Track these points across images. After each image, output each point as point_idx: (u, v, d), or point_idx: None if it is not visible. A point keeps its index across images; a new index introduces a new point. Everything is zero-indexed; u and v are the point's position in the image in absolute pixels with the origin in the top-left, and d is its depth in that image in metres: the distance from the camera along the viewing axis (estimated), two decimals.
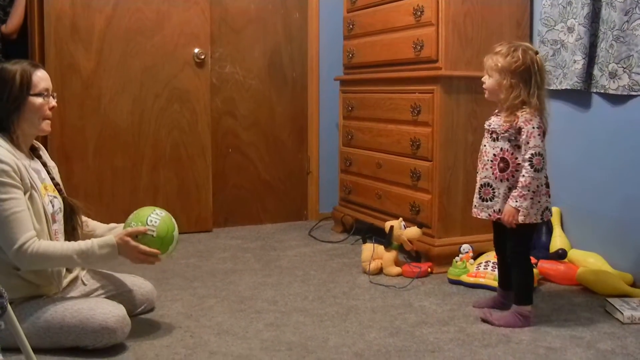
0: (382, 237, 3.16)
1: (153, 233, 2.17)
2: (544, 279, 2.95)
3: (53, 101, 2.21)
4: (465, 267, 2.92)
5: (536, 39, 3.26)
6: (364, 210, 3.72)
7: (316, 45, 4.27)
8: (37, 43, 3.53)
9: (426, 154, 3.14)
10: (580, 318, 2.49)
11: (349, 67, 3.92)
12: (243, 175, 4.18)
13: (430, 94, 3.11)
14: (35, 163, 2.25)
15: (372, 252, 3.08)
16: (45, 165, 2.30)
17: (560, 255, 3.03)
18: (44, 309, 2.10)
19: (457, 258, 2.96)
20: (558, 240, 3.15)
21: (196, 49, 3.83)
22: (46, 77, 2.19)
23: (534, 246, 3.10)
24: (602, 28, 2.93)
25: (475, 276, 2.87)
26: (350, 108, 3.85)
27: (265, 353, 2.14)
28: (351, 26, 3.84)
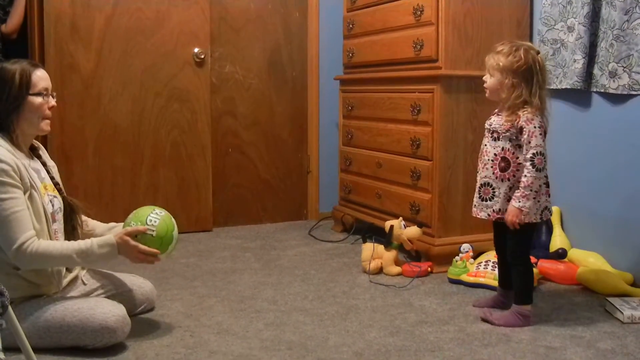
0: (382, 237, 3.16)
1: (153, 233, 2.17)
2: (544, 279, 2.95)
3: (52, 101, 2.21)
4: (465, 267, 2.92)
5: (536, 38, 3.26)
6: (364, 209, 3.72)
7: (316, 44, 4.27)
8: (37, 43, 3.53)
9: (426, 154, 3.14)
10: (580, 317, 2.49)
11: (349, 67, 3.92)
12: (243, 174, 4.18)
13: (430, 94, 3.11)
14: (34, 162, 2.25)
15: (372, 252, 3.08)
16: (44, 164, 2.30)
17: (560, 254, 3.02)
18: (44, 309, 2.10)
19: (457, 257, 2.96)
20: (558, 239, 3.15)
21: (196, 49, 3.83)
22: (45, 77, 2.19)
23: (534, 246, 3.09)
24: (602, 27, 2.93)
25: (475, 276, 2.87)
26: (350, 107, 3.85)
27: (265, 352, 2.14)
28: (351, 25, 3.84)
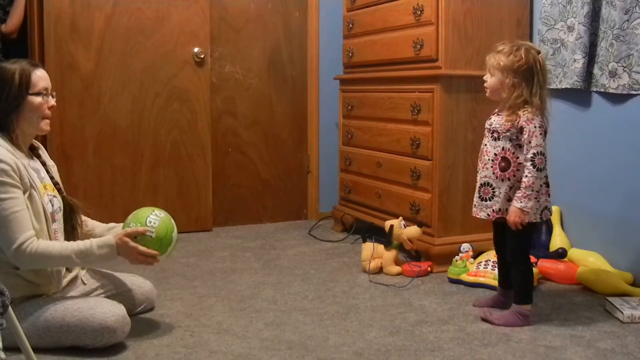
0: (382, 236, 3.16)
1: (152, 234, 2.16)
2: (544, 278, 2.95)
3: (52, 100, 2.21)
4: (465, 266, 2.92)
5: (536, 38, 3.26)
6: (364, 209, 3.72)
7: (316, 44, 4.27)
8: (37, 42, 3.53)
9: (426, 153, 3.14)
10: (580, 317, 2.49)
11: (349, 66, 3.92)
12: (243, 174, 4.18)
13: (430, 93, 3.11)
14: (34, 162, 2.25)
15: (372, 251, 3.08)
16: (44, 164, 2.30)
17: (560, 254, 3.02)
18: (44, 309, 2.10)
19: (457, 257, 2.96)
20: (558, 239, 3.15)
21: (196, 48, 3.83)
22: (45, 77, 2.19)
23: (534, 245, 3.09)
24: (602, 27, 2.93)
25: (475, 275, 2.87)
26: (350, 107, 3.85)
27: (265, 352, 2.14)
28: (351, 25, 3.84)
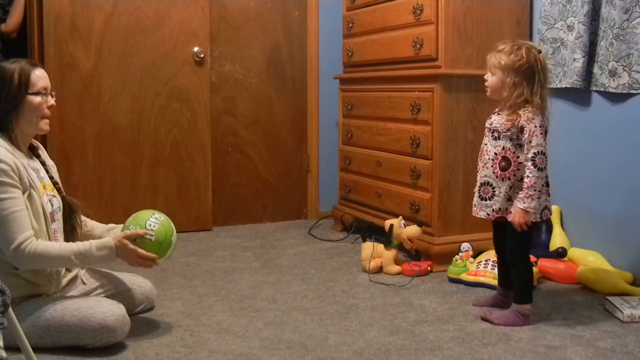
0: (382, 236, 3.16)
1: (152, 237, 2.16)
2: (544, 278, 2.95)
3: (52, 100, 2.21)
4: (465, 266, 2.92)
5: (536, 37, 3.26)
6: (364, 208, 3.72)
7: (316, 43, 4.27)
8: (37, 42, 3.53)
9: (426, 153, 3.14)
10: (580, 316, 2.49)
11: (349, 66, 3.92)
12: (243, 173, 4.18)
13: (429, 93, 3.10)
14: (34, 162, 2.25)
15: (372, 251, 3.08)
16: (44, 164, 2.30)
17: (560, 253, 3.02)
18: (44, 308, 2.10)
19: (457, 256, 2.96)
20: (558, 238, 3.15)
21: (195, 48, 3.82)
22: (44, 76, 2.19)
23: (534, 245, 3.09)
24: (602, 26, 2.93)
25: (475, 275, 2.87)
26: (349, 106, 3.85)
27: (265, 352, 2.14)
28: (351, 24, 3.84)
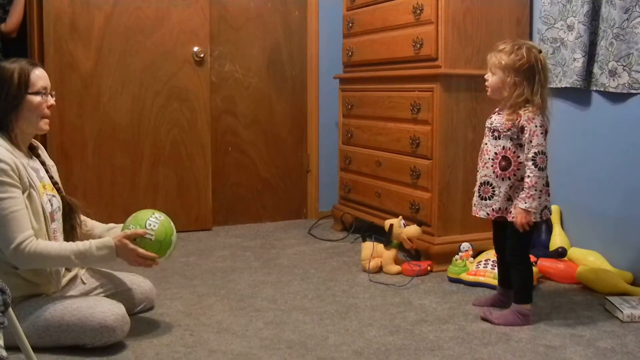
0: (382, 236, 3.16)
1: (151, 237, 2.16)
2: (544, 278, 2.95)
3: (51, 100, 2.21)
4: (465, 266, 2.92)
5: (536, 37, 3.26)
6: (364, 208, 3.72)
7: (316, 43, 4.27)
8: (37, 41, 3.52)
9: (426, 152, 3.14)
10: (580, 316, 2.49)
11: (349, 65, 3.91)
12: (242, 173, 4.18)
13: (429, 92, 3.10)
14: (33, 162, 2.25)
15: (372, 251, 3.08)
16: (43, 164, 2.30)
17: (560, 253, 3.02)
18: (44, 308, 2.10)
19: (457, 256, 2.96)
20: (558, 238, 3.15)
21: (195, 47, 3.82)
22: (44, 76, 2.19)
23: (534, 244, 3.09)
24: (602, 26, 2.93)
25: (474, 274, 2.87)
26: (349, 106, 3.85)
27: (264, 351, 2.14)
28: (351, 24, 3.84)
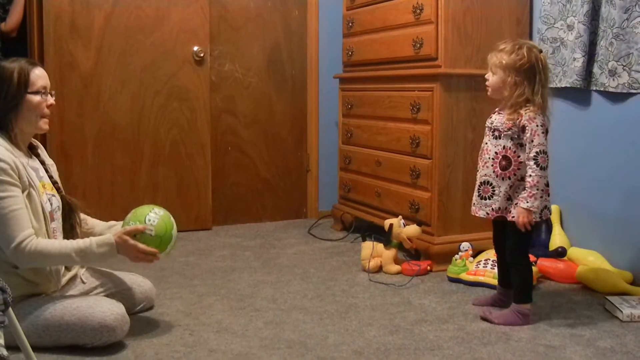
0: (382, 235, 3.16)
1: (151, 232, 2.16)
2: (544, 277, 2.95)
3: (51, 99, 2.21)
4: (464, 265, 2.92)
5: (536, 37, 3.26)
6: (364, 208, 3.72)
7: (315, 43, 4.27)
8: (37, 41, 3.52)
9: (426, 152, 3.14)
10: (579, 316, 2.49)
11: (349, 65, 3.91)
12: (242, 173, 4.18)
13: (429, 92, 3.10)
14: (33, 161, 2.25)
15: (372, 250, 3.08)
16: (43, 163, 2.30)
17: (559, 253, 3.02)
18: (43, 307, 2.10)
19: (457, 256, 2.96)
20: (557, 238, 3.15)
21: (195, 47, 3.82)
22: (44, 75, 2.19)
23: (534, 244, 3.09)
24: (602, 26, 2.93)
25: (474, 274, 2.87)
26: (349, 106, 3.85)
27: (264, 351, 2.14)
28: (350, 24, 3.84)
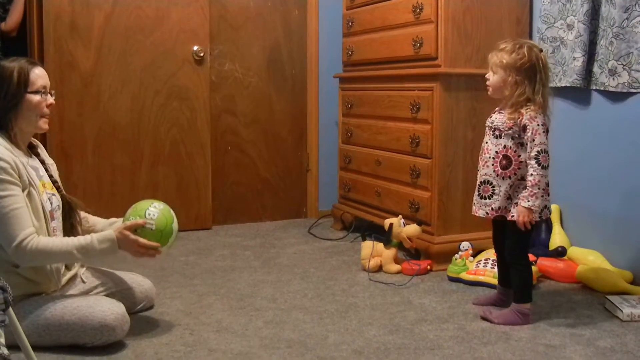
0: (382, 235, 3.16)
1: (152, 226, 2.16)
2: (544, 277, 2.95)
3: (51, 99, 2.21)
4: (464, 265, 2.92)
5: (536, 36, 3.26)
6: (364, 207, 3.72)
7: (315, 42, 4.27)
8: (37, 41, 3.52)
9: (425, 152, 3.14)
10: (579, 316, 2.49)
11: (348, 65, 3.91)
12: (242, 172, 4.18)
13: (429, 92, 3.10)
14: (33, 161, 2.25)
15: (372, 250, 3.08)
16: (43, 162, 2.30)
17: (559, 252, 3.02)
18: (44, 307, 2.10)
19: (457, 255, 2.96)
20: (557, 237, 3.15)
21: (195, 47, 3.82)
22: (44, 75, 2.19)
23: (534, 244, 3.09)
24: (602, 25, 2.93)
25: (474, 274, 2.87)
26: (349, 105, 3.85)
27: (264, 350, 2.14)
28: (350, 23, 3.84)
